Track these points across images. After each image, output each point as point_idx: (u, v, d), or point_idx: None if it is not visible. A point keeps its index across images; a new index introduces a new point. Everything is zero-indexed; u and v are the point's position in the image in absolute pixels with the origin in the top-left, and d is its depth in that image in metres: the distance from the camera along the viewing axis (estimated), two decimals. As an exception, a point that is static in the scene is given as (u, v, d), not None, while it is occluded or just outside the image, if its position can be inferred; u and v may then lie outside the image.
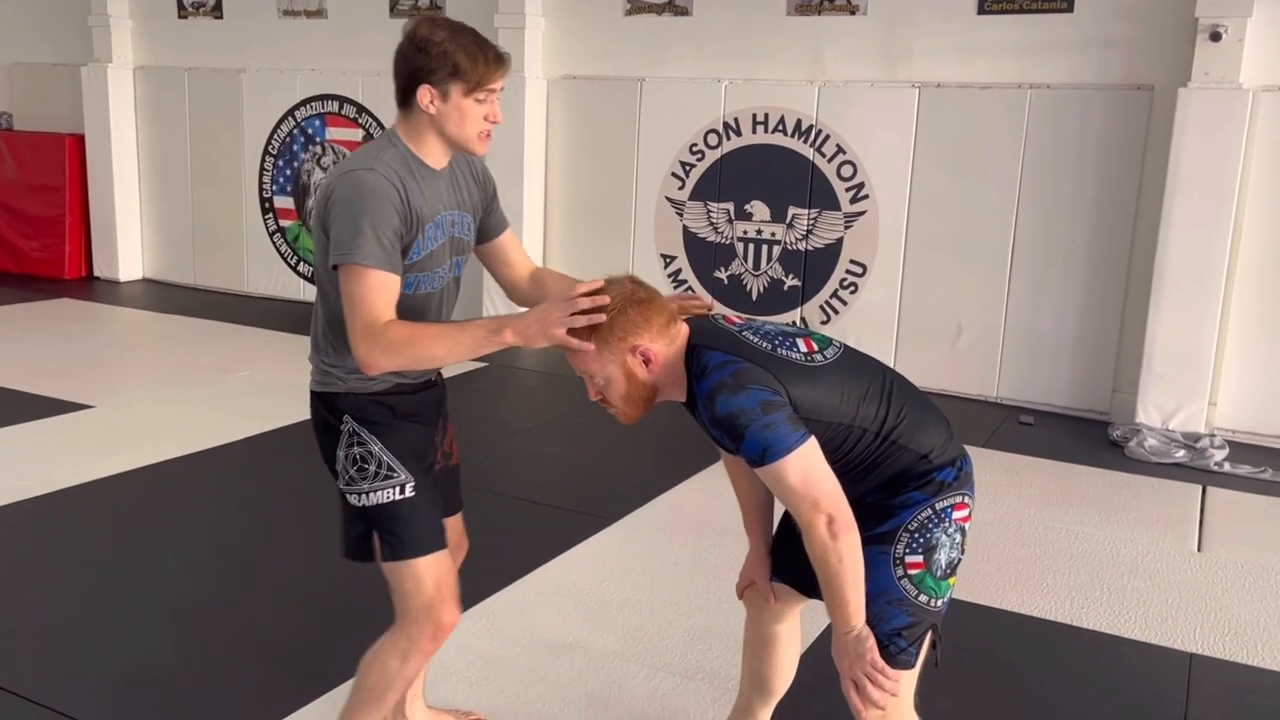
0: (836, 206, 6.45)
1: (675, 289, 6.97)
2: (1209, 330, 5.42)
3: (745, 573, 2.37)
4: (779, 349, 1.95)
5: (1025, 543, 4.06)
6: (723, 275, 6.85)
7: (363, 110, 7.93)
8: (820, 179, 6.47)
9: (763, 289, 6.74)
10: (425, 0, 7.69)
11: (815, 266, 6.58)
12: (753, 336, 1.97)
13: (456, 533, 2.45)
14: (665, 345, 1.96)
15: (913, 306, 6.34)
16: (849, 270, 6.48)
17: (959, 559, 2.03)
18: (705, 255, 6.88)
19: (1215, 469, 5.04)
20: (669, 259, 6.98)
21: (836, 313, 6.55)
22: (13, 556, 3.67)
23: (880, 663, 1.92)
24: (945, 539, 1.98)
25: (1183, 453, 5.18)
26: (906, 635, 1.97)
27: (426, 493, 2.18)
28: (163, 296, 8.48)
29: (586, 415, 5.54)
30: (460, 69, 2.04)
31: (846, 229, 6.45)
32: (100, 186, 8.85)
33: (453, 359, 2.03)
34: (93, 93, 8.74)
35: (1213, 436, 5.38)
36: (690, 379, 1.95)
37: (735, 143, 6.69)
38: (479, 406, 5.72)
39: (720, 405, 1.84)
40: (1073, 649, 3.27)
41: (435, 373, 2.29)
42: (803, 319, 6.64)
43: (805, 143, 6.48)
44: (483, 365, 6.26)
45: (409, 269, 2.08)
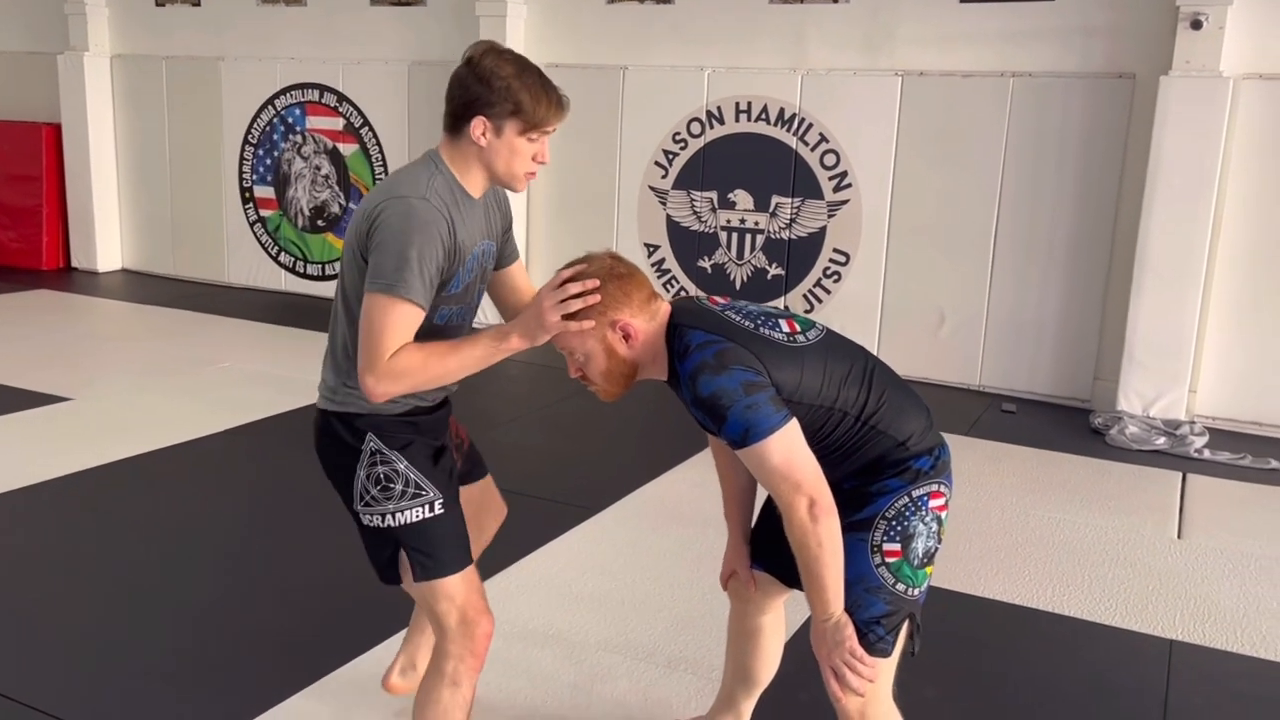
0: (820, 195, 6.44)
1: (659, 278, 6.96)
2: (1189, 318, 5.45)
3: (727, 562, 2.36)
4: (761, 328, 1.94)
5: (1007, 530, 4.07)
6: (706, 264, 6.83)
7: (343, 99, 7.87)
8: (803, 168, 6.46)
9: (746, 278, 6.74)
10: (406, -12, 7.63)
11: (799, 255, 6.57)
12: (736, 316, 1.96)
13: (491, 497, 2.48)
14: (645, 321, 1.95)
15: (895, 295, 6.35)
16: (832, 259, 6.48)
17: (936, 548, 2.02)
18: (689, 244, 6.87)
19: (1195, 456, 5.07)
20: (652, 248, 6.96)
21: (820, 301, 6.55)
22: (-11, 551, 3.63)
23: (859, 650, 1.91)
24: (922, 527, 1.97)
25: (1163, 440, 5.20)
26: (884, 623, 1.96)
27: (454, 506, 2.15)
28: (141, 287, 8.41)
29: (569, 406, 5.53)
30: (521, 108, 2.02)
31: (830, 218, 6.44)
32: (77, 176, 8.76)
33: (463, 374, 2.01)
34: (69, 81, 8.63)
35: (1193, 424, 5.41)
36: (672, 358, 1.94)
37: (718, 131, 6.67)
38: (460, 397, 5.66)
39: (702, 386, 1.83)
40: (1054, 636, 3.28)
41: (450, 390, 2.26)
42: (786, 308, 6.63)
43: (788, 131, 6.47)
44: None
45: (446, 301, 2.06)
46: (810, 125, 6.40)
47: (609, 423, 5.31)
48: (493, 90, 2.00)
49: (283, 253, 8.32)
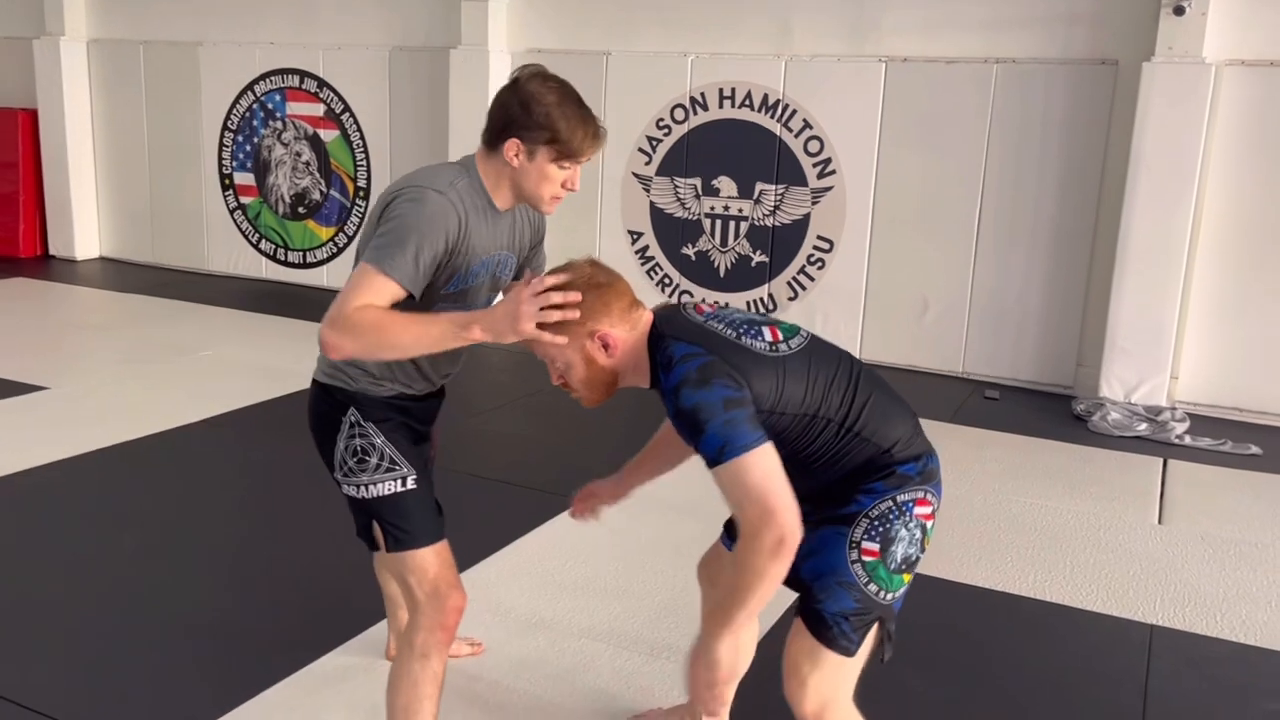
0: (804, 182, 6.43)
1: (642, 265, 6.94)
2: (1171, 304, 5.47)
3: (593, 488, 2.38)
4: (744, 337, 1.92)
5: (989, 516, 4.08)
6: (690, 252, 6.81)
7: (324, 85, 7.80)
8: (787, 154, 6.44)
9: (730, 265, 6.72)
10: (386, -28, 7.56)
11: (782, 242, 6.56)
12: (718, 325, 1.95)
13: None
14: (626, 331, 1.95)
15: (879, 282, 6.35)
16: (816, 246, 6.47)
17: (917, 557, 1.99)
18: (672, 231, 6.85)
19: (1176, 442, 5.09)
20: (636, 235, 6.94)
21: (804, 289, 6.54)
22: (-36, 541, 3.59)
23: (713, 695, 1.98)
24: (905, 533, 1.95)
25: (1145, 426, 5.23)
26: (851, 620, 1.94)
27: (426, 485, 2.22)
28: (120, 275, 8.33)
29: (552, 395, 5.50)
30: (557, 137, 2.05)
31: (813, 205, 6.43)
32: (54, 163, 8.66)
33: (417, 350, 2.01)
34: (45, 66, 8.53)
35: (1174, 410, 5.43)
36: (656, 368, 1.93)
37: (702, 117, 6.64)
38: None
39: (684, 399, 1.82)
40: (1035, 621, 3.29)
41: (441, 383, 2.30)
42: (770, 296, 6.63)
43: (772, 118, 6.45)
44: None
45: (443, 299, 2.09)
46: (794, 112, 6.38)
47: (592, 411, 5.28)
48: (531, 115, 2.05)
49: (263, 240, 8.25)
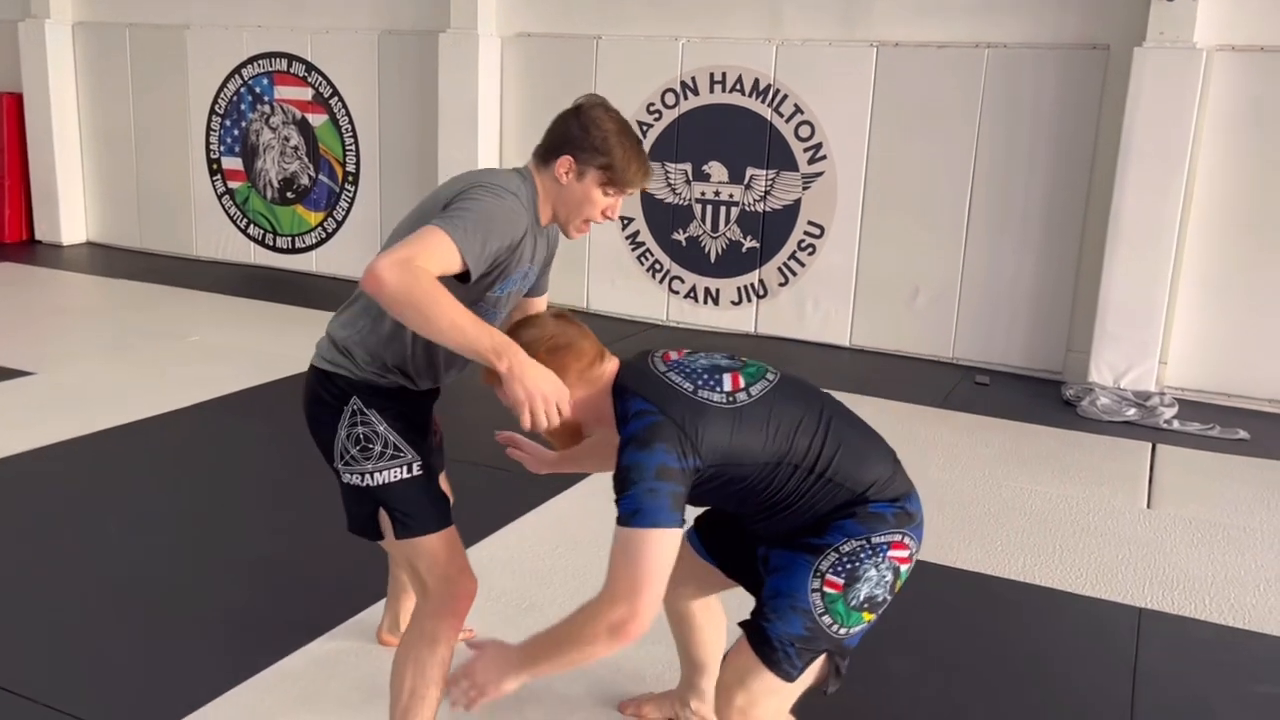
0: (794, 167, 6.41)
1: (633, 251, 6.92)
2: (1160, 290, 5.48)
3: (526, 443, 2.38)
4: (700, 390, 1.88)
5: (979, 501, 4.09)
6: (681, 237, 6.80)
7: (312, 68, 7.74)
8: (778, 139, 6.42)
9: (721, 250, 6.71)
10: (375, -46, 7.49)
11: (773, 228, 6.55)
12: (678, 378, 1.91)
13: (445, 487, 2.48)
14: (584, 389, 1.95)
15: (870, 268, 6.34)
16: (807, 231, 6.46)
17: (883, 599, 1.94)
18: (663, 217, 6.83)
19: (1165, 427, 5.11)
20: (626, 220, 6.91)
21: (794, 274, 6.53)
22: (-50, 527, 3.56)
23: (487, 692, 1.82)
24: (874, 573, 1.90)
25: (1134, 411, 5.24)
26: (798, 646, 1.90)
27: (431, 470, 2.20)
28: (107, 260, 8.27)
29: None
30: (611, 164, 2.09)
31: (804, 190, 6.42)
32: (40, 147, 8.59)
33: (444, 338, 1.85)
34: (30, 49, 8.45)
35: (1163, 395, 5.45)
36: (618, 419, 1.90)
37: (693, 102, 6.61)
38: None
39: (624, 456, 1.82)
40: (1025, 605, 3.30)
41: (439, 381, 2.28)
42: (761, 281, 6.62)
43: (763, 102, 6.43)
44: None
45: (484, 300, 2.10)
46: (785, 96, 6.36)
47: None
48: (590, 137, 2.09)
49: (251, 225, 8.20)
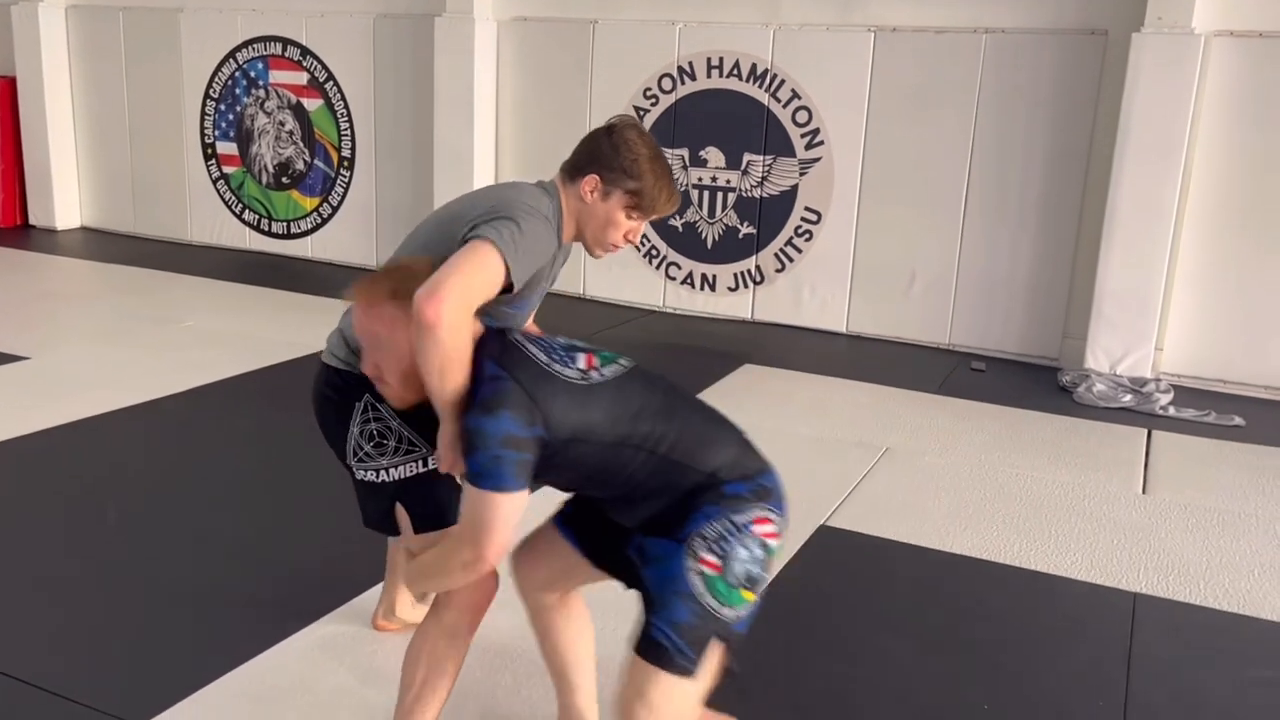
0: (791, 153, 6.40)
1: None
2: (1157, 276, 5.48)
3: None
4: (554, 363, 1.91)
5: (975, 486, 4.09)
6: (677, 223, 6.78)
7: (307, 53, 7.70)
8: (775, 125, 6.40)
9: (718, 237, 6.69)
10: (370, -62, 7.44)
11: (770, 214, 6.54)
12: (535, 349, 1.93)
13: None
14: None
15: (867, 254, 6.33)
16: (804, 218, 6.44)
17: (760, 575, 1.93)
18: (659, 202, 6.80)
19: (1161, 413, 5.12)
20: (623, 206, 6.89)
21: (791, 260, 6.52)
22: (-55, 512, 3.56)
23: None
24: (744, 551, 1.90)
25: (1129, 397, 5.25)
26: (685, 634, 1.87)
27: None
28: (101, 245, 8.24)
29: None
30: (640, 188, 2.10)
31: (801, 176, 6.40)
32: (33, 131, 8.54)
33: (431, 382, 1.87)
34: (23, 33, 8.39)
35: (1158, 381, 5.46)
36: (473, 379, 1.90)
37: (689, 87, 6.59)
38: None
39: (470, 418, 1.85)
40: (1020, 589, 3.31)
41: None
42: (758, 267, 6.61)
43: (760, 87, 6.40)
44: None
45: (510, 308, 2.12)
46: (782, 82, 6.34)
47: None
48: (620, 157, 2.09)
49: (246, 210, 8.17)
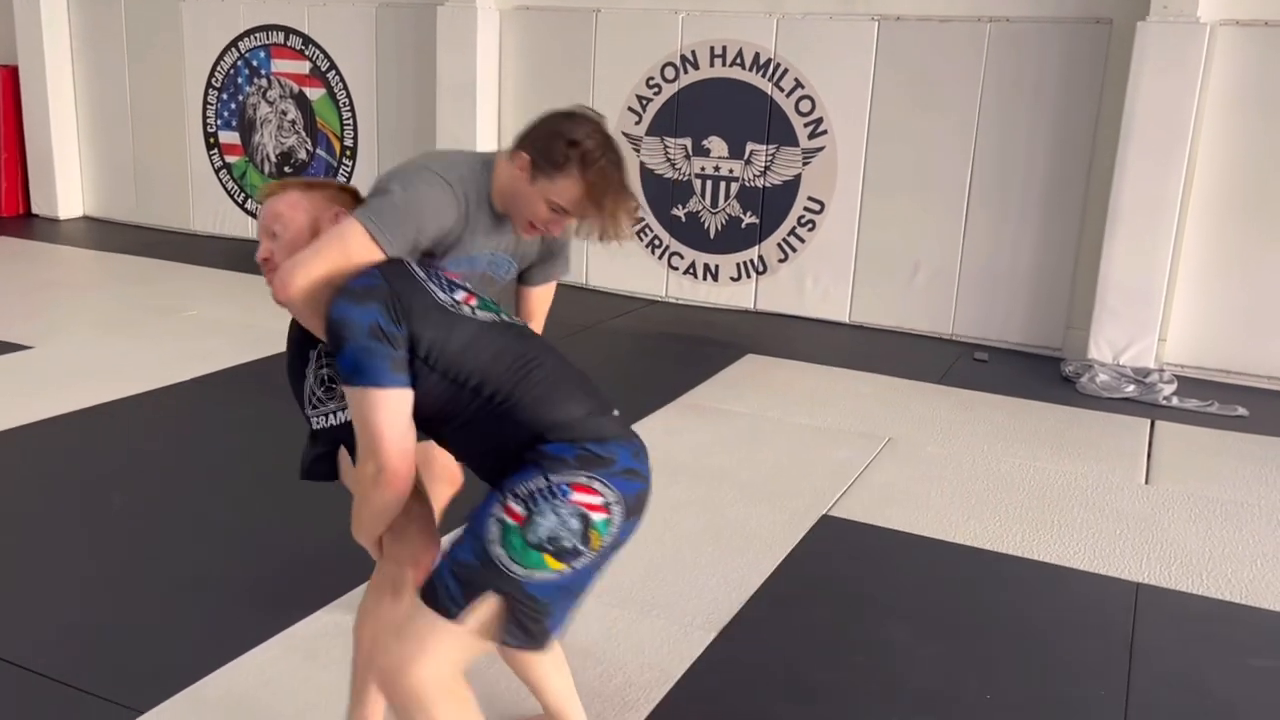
0: (795, 142, 6.38)
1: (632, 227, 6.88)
2: (1161, 266, 5.46)
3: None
4: (431, 284, 1.88)
5: (978, 476, 4.09)
6: (680, 213, 6.77)
7: (309, 41, 7.68)
8: (778, 114, 6.39)
9: (720, 226, 6.68)
10: (372, -74, 7.42)
11: (773, 203, 6.52)
12: (420, 271, 1.92)
13: (436, 459, 2.44)
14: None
15: (870, 244, 6.32)
16: (807, 207, 6.43)
17: (574, 547, 1.77)
18: (662, 192, 6.79)
19: (1164, 403, 5.11)
20: (625, 196, 6.87)
21: (794, 250, 6.51)
22: (-51, 500, 3.57)
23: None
24: (554, 516, 1.75)
25: (1133, 388, 5.24)
26: (460, 574, 1.76)
27: None
28: (104, 234, 8.24)
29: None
30: (564, 185, 2.00)
31: (804, 165, 6.39)
32: (36, 120, 8.53)
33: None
34: (25, 21, 8.37)
35: (1162, 371, 5.45)
36: None
37: (692, 76, 6.57)
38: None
39: (335, 307, 1.79)
40: (1023, 579, 3.31)
41: None
42: (761, 257, 6.60)
43: (763, 77, 6.39)
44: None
45: (442, 267, 2.09)
46: (786, 71, 6.32)
47: (589, 357, 5.28)
48: (554, 147, 2.00)
49: (249, 200, 8.17)
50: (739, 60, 6.43)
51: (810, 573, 3.27)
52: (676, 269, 6.86)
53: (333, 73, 7.65)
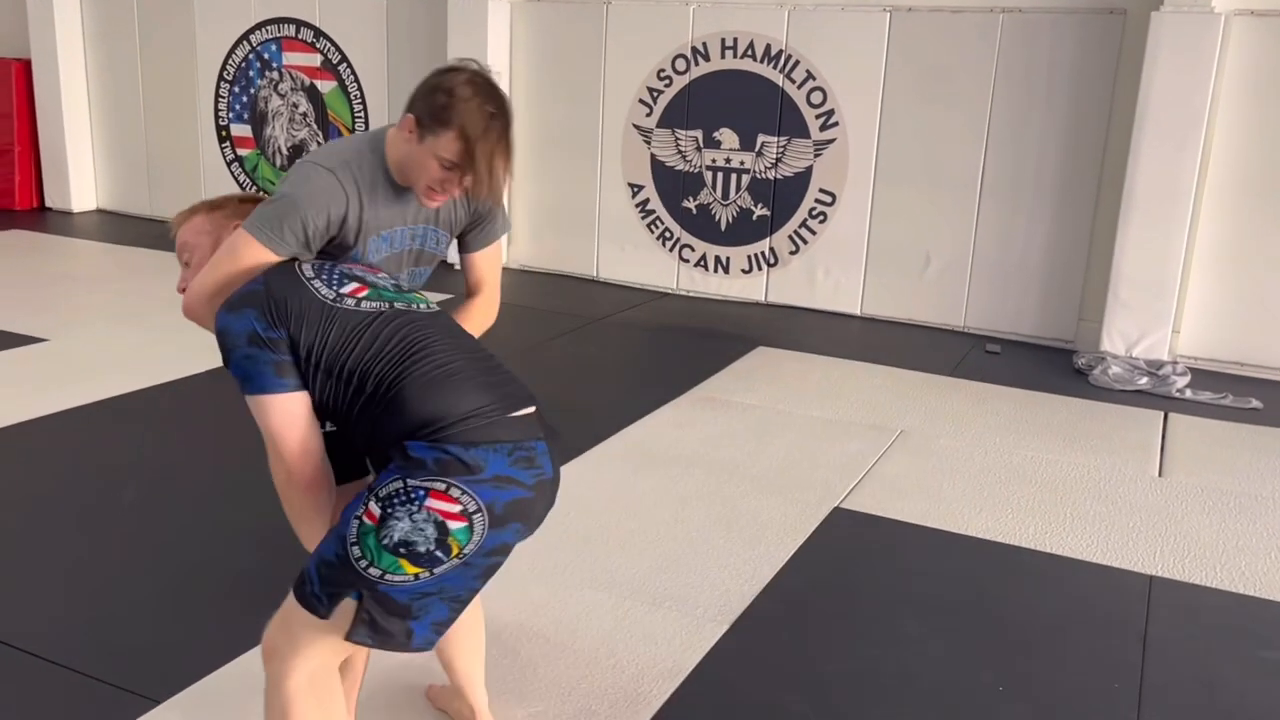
0: (806, 134, 6.36)
1: (643, 219, 6.89)
2: (1174, 258, 5.43)
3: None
4: (315, 282, 1.88)
5: (990, 469, 4.09)
6: (691, 205, 6.76)
7: (321, 34, 7.69)
8: (790, 106, 6.37)
9: (731, 219, 6.67)
10: (383, -82, 7.42)
11: (784, 196, 6.51)
12: (307, 267, 1.92)
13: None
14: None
15: (881, 236, 6.31)
16: (818, 199, 6.42)
17: (430, 553, 1.71)
18: (673, 184, 6.79)
19: (1177, 396, 5.09)
20: (636, 188, 6.88)
21: (805, 242, 6.50)
22: (-33, 492, 3.59)
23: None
24: (407, 521, 1.70)
25: (1146, 380, 5.22)
26: (323, 570, 1.76)
27: None
28: (117, 227, 8.27)
29: (552, 350, 5.50)
30: (448, 137, 1.94)
31: (816, 157, 6.37)
32: (49, 114, 8.56)
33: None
34: (39, 16, 8.40)
35: (1175, 364, 5.43)
36: None
37: (704, 68, 6.56)
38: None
39: (218, 318, 1.86)
40: (1036, 572, 3.31)
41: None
42: (772, 249, 6.59)
43: (775, 68, 6.37)
44: (447, 295, 6.17)
45: (348, 260, 2.08)
46: (797, 62, 6.30)
47: (592, 366, 5.29)
48: (434, 100, 1.96)
49: (261, 193, 8.18)
50: (750, 52, 6.41)
51: (822, 565, 3.27)
52: (688, 261, 6.85)
53: (344, 65, 7.66)
